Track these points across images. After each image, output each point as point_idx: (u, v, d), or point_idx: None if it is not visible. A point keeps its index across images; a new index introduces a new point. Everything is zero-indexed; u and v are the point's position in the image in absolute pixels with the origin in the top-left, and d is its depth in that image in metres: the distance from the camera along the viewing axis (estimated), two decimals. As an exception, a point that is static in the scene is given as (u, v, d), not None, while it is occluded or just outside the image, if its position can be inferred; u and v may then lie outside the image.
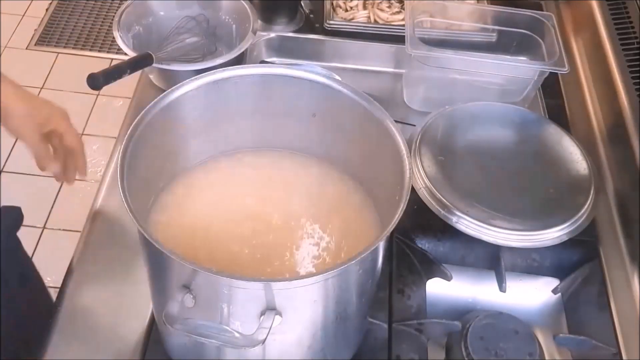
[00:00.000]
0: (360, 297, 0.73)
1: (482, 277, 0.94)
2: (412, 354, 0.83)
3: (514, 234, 0.87)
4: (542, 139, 1.02)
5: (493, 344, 0.81)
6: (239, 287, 0.61)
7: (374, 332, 0.85)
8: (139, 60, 1.03)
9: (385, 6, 1.32)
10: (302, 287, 0.63)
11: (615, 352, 0.85)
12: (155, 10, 1.19)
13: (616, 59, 1.10)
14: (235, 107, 0.82)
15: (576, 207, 0.90)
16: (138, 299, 0.88)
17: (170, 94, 0.74)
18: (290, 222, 0.81)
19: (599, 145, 1.09)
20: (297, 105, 0.82)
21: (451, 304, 0.93)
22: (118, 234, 0.95)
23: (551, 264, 0.94)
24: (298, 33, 1.27)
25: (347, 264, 0.61)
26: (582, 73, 1.21)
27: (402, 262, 0.92)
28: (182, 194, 0.82)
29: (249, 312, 0.63)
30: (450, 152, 0.97)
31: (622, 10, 1.15)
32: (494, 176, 0.95)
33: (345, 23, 1.28)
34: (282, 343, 0.69)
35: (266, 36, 1.24)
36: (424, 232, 0.95)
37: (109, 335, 0.85)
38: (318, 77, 0.79)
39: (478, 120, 1.03)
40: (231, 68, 0.78)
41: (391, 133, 0.73)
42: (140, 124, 0.71)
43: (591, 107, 1.15)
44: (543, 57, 1.12)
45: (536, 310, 0.94)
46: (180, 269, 0.62)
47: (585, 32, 1.25)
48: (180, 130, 0.79)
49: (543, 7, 1.36)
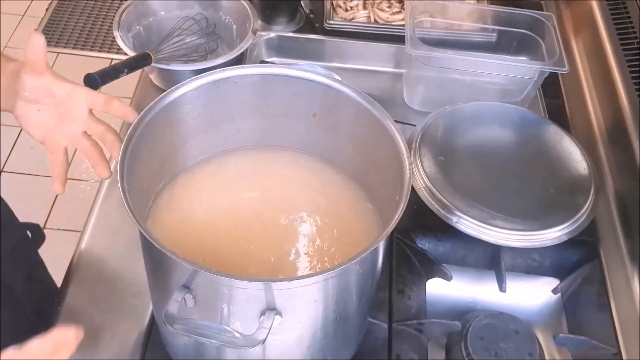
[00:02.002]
0: (360, 297, 0.73)
1: (482, 277, 0.94)
2: (412, 354, 0.83)
3: (514, 234, 0.87)
4: (542, 139, 1.02)
5: (493, 344, 0.81)
6: (239, 287, 0.61)
7: (374, 332, 0.85)
8: (137, 60, 1.03)
9: (385, 6, 1.32)
10: (302, 287, 0.63)
11: (615, 352, 0.85)
12: (155, 10, 1.19)
13: (616, 59, 1.10)
14: (235, 107, 0.82)
15: (576, 207, 0.90)
16: (138, 298, 0.88)
17: (170, 94, 0.74)
18: (290, 222, 0.81)
19: (599, 145, 1.09)
20: (297, 105, 0.82)
21: (451, 304, 0.93)
22: (118, 234, 0.95)
23: (551, 264, 0.94)
24: (298, 33, 1.28)
25: (347, 264, 0.61)
26: (582, 73, 1.21)
27: (402, 262, 0.92)
28: (182, 194, 0.82)
29: (249, 312, 0.63)
30: (450, 152, 0.97)
31: (622, 10, 1.15)
32: (494, 176, 0.95)
33: (345, 23, 1.28)
34: (282, 343, 0.69)
35: (266, 36, 1.24)
36: (424, 232, 0.95)
37: (109, 335, 0.85)
38: (318, 77, 0.79)
39: (478, 120, 1.03)
40: (231, 68, 0.78)
41: (391, 133, 0.73)
42: (140, 124, 0.71)
43: (591, 107, 1.15)
44: (543, 57, 1.12)
45: (536, 310, 0.94)
46: (180, 268, 0.62)
47: (585, 32, 1.25)
48: (180, 130, 0.79)
49: (543, 7, 1.36)
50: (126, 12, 1.14)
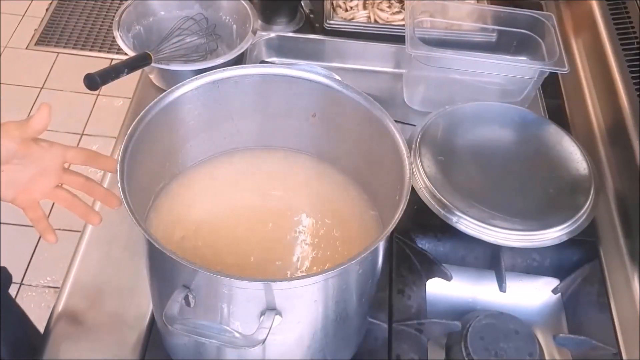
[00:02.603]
0: (360, 297, 0.73)
1: (482, 277, 0.94)
2: (412, 354, 0.83)
3: (514, 234, 0.87)
4: (542, 139, 1.02)
5: (493, 344, 0.81)
6: (239, 287, 0.61)
7: (374, 332, 0.85)
8: (137, 60, 1.03)
9: (385, 6, 1.32)
10: (302, 287, 0.63)
11: (615, 352, 0.85)
12: (155, 10, 1.19)
13: (616, 59, 1.11)
14: (235, 107, 0.82)
15: (576, 207, 0.90)
16: (138, 298, 0.88)
17: (170, 94, 0.74)
18: (290, 222, 0.81)
19: (599, 145, 1.09)
20: (297, 105, 0.82)
21: (451, 304, 0.93)
22: (118, 234, 0.95)
23: (551, 264, 0.94)
24: (298, 33, 1.28)
25: (347, 264, 0.61)
26: (582, 73, 1.21)
27: (402, 262, 0.92)
28: (182, 194, 0.82)
29: (249, 312, 0.63)
30: (450, 152, 0.97)
31: (622, 10, 1.15)
32: (494, 176, 0.95)
33: (345, 23, 1.28)
34: (282, 343, 0.69)
35: (266, 36, 1.24)
36: (424, 232, 0.95)
37: (109, 335, 0.85)
38: (318, 77, 0.79)
39: (478, 120, 1.03)
40: (231, 68, 0.78)
41: (391, 133, 0.73)
42: (140, 124, 0.70)
43: (591, 107, 1.15)
44: (543, 57, 1.12)
45: (536, 310, 0.94)
46: (180, 268, 0.62)
47: (585, 32, 1.25)
48: (180, 130, 0.79)
49: (543, 7, 1.36)
50: (126, 12, 1.14)
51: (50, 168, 0.75)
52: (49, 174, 0.75)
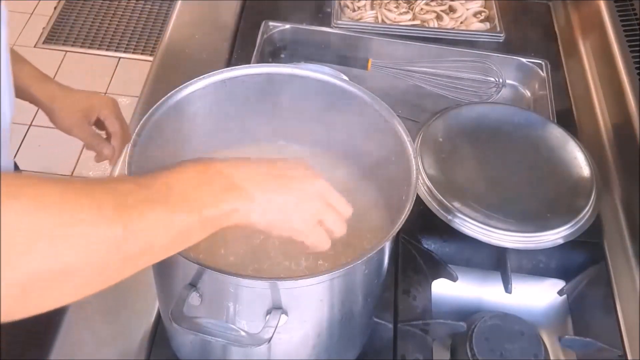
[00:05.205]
0: (365, 297, 0.73)
1: (488, 278, 0.94)
2: (417, 354, 0.83)
3: (515, 235, 0.87)
4: (546, 141, 1.01)
5: (498, 345, 0.81)
6: (245, 286, 0.61)
7: (380, 332, 0.85)
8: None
9: (393, 6, 1.32)
10: (309, 286, 0.63)
11: (620, 354, 0.85)
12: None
13: (624, 61, 1.10)
14: (243, 106, 0.82)
15: (577, 209, 0.90)
16: (144, 297, 0.88)
17: (178, 93, 0.74)
18: (297, 222, 0.81)
19: (607, 148, 1.09)
20: (305, 104, 0.82)
21: (457, 305, 0.93)
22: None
23: (557, 266, 0.94)
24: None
25: (353, 264, 0.61)
26: (590, 75, 1.21)
27: (408, 262, 0.92)
28: (189, 193, 0.82)
29: (255, 311, 0.63)
30: (452, 153, 0.97)
31: (630, 11, 1.14)
32: (495, 178, 0.95)
33: (353, 23, 1.28)
34: (288, 342, 0.69)
35: (281, 27, 1.25)
36: (429, 232, 0.94)
37: (115, 334, 0.85)
38: (325, 76, 0.79)
39: (480, 121, 1.03)
40: (239, 67, 0.78)
41: (398, 133, 0.73)
42: (147, 122, 0.71)
43: (598, 109, 1.15)
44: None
45: (542, 311, 0.94)
46: (187, 267, 0.62)
47: (593, 34, 1.25)
48: (188, 128, 0.79)
49: (551, 9, 1.36)
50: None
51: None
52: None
